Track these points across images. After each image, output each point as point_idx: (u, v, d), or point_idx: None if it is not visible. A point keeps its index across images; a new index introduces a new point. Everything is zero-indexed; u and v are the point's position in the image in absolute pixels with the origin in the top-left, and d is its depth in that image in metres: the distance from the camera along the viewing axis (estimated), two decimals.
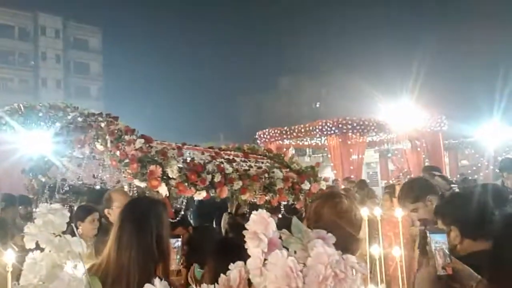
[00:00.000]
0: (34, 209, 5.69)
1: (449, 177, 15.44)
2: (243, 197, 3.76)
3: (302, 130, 13.38)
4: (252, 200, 3.95)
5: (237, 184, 3.69)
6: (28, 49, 43.92)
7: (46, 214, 1.47)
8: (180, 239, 2.55)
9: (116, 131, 3.75)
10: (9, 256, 2.05)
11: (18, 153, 6.47)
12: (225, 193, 3.62)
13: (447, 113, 15.07)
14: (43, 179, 5.60)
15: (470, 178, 16.12)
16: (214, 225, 5.99)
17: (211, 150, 4.32)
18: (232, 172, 3.74)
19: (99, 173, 5.31)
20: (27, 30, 43.84)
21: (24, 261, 1.79)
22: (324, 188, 4.22)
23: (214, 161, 3.81)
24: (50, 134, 4.45)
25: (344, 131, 12.21)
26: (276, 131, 14.46)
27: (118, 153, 3.59)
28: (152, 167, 3.36)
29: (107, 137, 3.74)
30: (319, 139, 14.34)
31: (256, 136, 15.09)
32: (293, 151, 14.93)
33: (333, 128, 12.31)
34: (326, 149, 14.15)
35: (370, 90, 19.34)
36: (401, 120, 13.47)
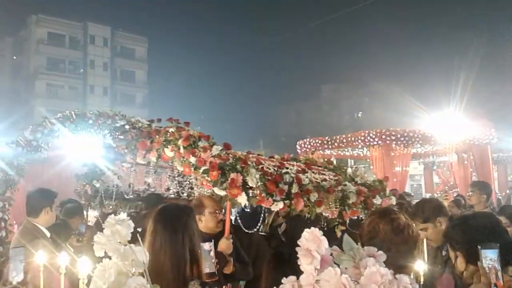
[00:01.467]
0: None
1: (497, 191, 14.91)
2: (318, 209, 3.60)
3: (344, 140, 13.21)
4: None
5: (313, 196, 3.53)
6: (77, 57, 45.64)
7: (114, 224, 1.54)
8: (212, 242, 2.57)
9: (190, 136, 3.62)
10: (63, 259, 2.13)
11: (69, 158, 6.74)
12: (301, 205, 3.47)
13: (496, 125, 14.52)
14: (97, 185, 5.63)
15: None
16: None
17: (274, 160, 4.18)
18: (309, 183, 3.59)
19: (154, 180, 5.31)
20: (77, 39, 45.57)
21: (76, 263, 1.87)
22: (394, 203, 4.01)
23: (290, 171, 3.66)
24: (103, 140, 4.53)
25: (388, 142, 11.97)
26: (317, 140, 14.34)
27: (193, 159, 3.46)
28: (233, 175, 3.26)
29: (179, 142, 3.60)
30: (361, 149, 14.13)
31: (297, 146, 15.02)
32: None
33: (376, 139, 12.09)
34: (368, 160, 13.90)
35: (414, 100, 18.97)
36: (447, 131, 13.08)
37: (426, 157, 15.80)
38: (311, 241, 1.21)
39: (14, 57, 45.91)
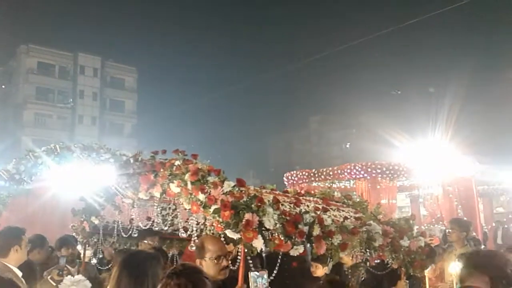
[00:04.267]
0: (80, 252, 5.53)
1: (484, 224, 14.96)
2: (341, 254, 3.23)
3: (331, 173, 13.30)
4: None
5: (337, 239, 3.14)
6: (67, 87, 45.64)
7: (70, 286, 1.57)
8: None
9: (198, 170, 3.22)
10: None
11: (53, 190, 6.69)
12: (323, 248, 3.09)
13: (480, 158, 14.74)
14: (96, 221, 5.29)
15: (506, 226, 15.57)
16: None
17: (288, 195, 3.85)
18: (331, 224, 3.22)
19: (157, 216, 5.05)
20: (67, 69, 45.71)
21: None
22: (422, 245, 3.60)
23: (309, 209, 3.30)
24: (99, 174, 4.39)
25: (374, 175, 12.08)
26: (304, 173, 14.41)
27: (201, 196, 3.08)
28: (248, 216, 2.86)
29: (186, 177, 3.22)
30: (348, 182, 14.21)
31: (284, 178, 15.07)
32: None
33: (362, 172, 12.20)
34: (355, 192, 13.98)
35: (400, 132, 19.19)
36: (432, 165, 13.24)
37: (412, 189, 15.93)
38: None
39: (3, 86, 45.84)
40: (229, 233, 2.92)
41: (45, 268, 5.11)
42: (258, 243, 2.85)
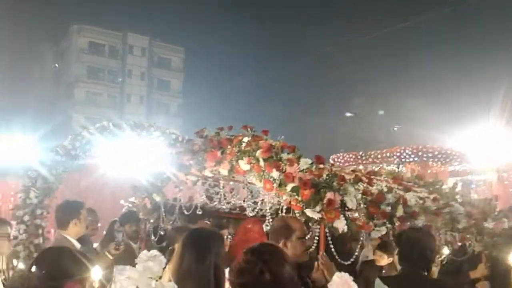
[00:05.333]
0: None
1: None
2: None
3: (379, 156, 12.99)
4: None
5: (421, 220, 3.02)
6: (116, 66, 46.73)
7: (146, 260, 1.55)
8: None
9: (271, 147, 3.08)
10: (96, 273, 2.14)
11: (105, 167, 6.84)
12: None
13: None
14: (157, 199, 5.18)
15: None
16: None
17: (359, 174, 3.57)
18: (415, 204, 3.06)
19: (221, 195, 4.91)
20: (116, 48, 46.69)
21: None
22: (506, 227, 3.44)
23: (394, 190, 3.12)
24: (164, 151, 4.34)
25: (425, 159, 11.70)
26: (351, 155, 14.15)
27: (276, 174, 2.94)
28: (330, 195, 2.71)
29: (257, 153, 3.09)
30: (396, 166, 13.85)
31: (330, 160, 14.85)
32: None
33: (413, 156, 11.84)
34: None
35: (450, 115, 18.51)
36: (486, 150, 12.69)
37: (464, 175, 15.35)
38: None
39: (56, 65, 47.45)
40: (309, 213, 2.78)
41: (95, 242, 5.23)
42: (340, 224, 2.71)
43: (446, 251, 3.42)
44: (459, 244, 3.33)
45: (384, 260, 4.52)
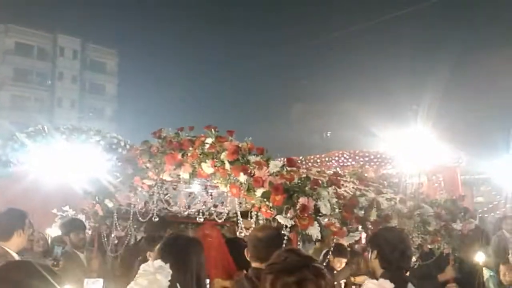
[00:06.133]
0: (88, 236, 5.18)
1: None
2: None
3: (318, 160, 13.22)
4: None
5: (394, 223, 2.89)
6: (45, 68, 44.68)
7: (153, 273, 1.42)
8: None
9: (238, 148, 2.86)
10: None
11: (35, 174, 6.46)
12: None
13: (462, 147, 14.85)
14: (110, 204, 4.85)
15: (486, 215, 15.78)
16: None
17: (324, 175, 3.45)
18: (388, 207, 2.95)
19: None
20: (46, 50, 44.67)
21: None
22: (473, 228, 3.42)
23: (365, 193, 2.98)
24: (104, 155, 4.14)
25: (362, 163, 12.06)
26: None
27: (243, 178, 2.75)
28: (303, 200, 2.56)
29: (222, 156, 2.90)
30: (334, 170, 14.18)
31: None
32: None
33: (350, 160, 12.17)
34: None
35: (381, 121, 19.18)
36: (415, 154, 13.28)
37: (397, 178, 15.98)
38: None
39: None
40: (281, 219, 2.61)
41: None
42: (314, 230, 2.56)
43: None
44: (429, 247, 3.30)
45: (341, 263, 4.56)
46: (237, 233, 3.39)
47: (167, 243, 2.38)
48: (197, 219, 4.55)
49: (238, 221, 3.13)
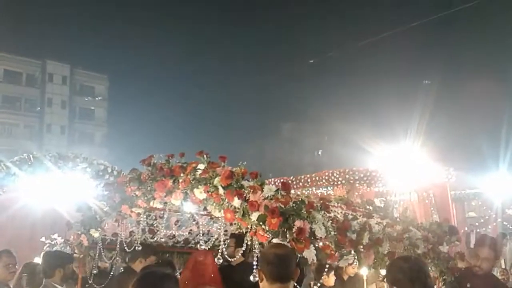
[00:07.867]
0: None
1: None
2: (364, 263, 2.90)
3: (309, 180, 13.22)
4: None
5: (385, 247, 2.90)
6: (34, 95, 44.50)
7: None
8: None
9: (231, 174, 2.87)
10: None
11: (22, 202, 6.37)
12: (372, 259, 2.82)
13: (452, 164, 14.94)
14: (96, 235, 4.67)
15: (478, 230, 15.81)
16: None
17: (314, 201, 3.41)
18: (379, 231, 2.96)
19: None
20: (34, 76, 44.58)
21: None
22: (459, 250, 3.41)
23: (358, 217, 2.99)
24: (91, 183, 4.07)
25: (351, 181, 12.07)
26: (281, 180, 14.30)
27: (237, 202, 2.75)
28: (299, 223, 2.54)
29: (215, 181, 2.91)
30: (325, 189, 14.17)
31: None
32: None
33: (340, 179, 12.18)
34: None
35: (371, 139, 19.30)
36: (405, 171, 13.33)
37: (388, 195, 16.00)
38: None
39: None
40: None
41: None
42: (310, 254, 2.53)
43: None
44: None
45: (332, 279, 4.59)
46: (216, 259, 3.35)
47: (140, 280, 2.34)
48: (184, 247, 4.49)
49: (222, 249, 3.07)
